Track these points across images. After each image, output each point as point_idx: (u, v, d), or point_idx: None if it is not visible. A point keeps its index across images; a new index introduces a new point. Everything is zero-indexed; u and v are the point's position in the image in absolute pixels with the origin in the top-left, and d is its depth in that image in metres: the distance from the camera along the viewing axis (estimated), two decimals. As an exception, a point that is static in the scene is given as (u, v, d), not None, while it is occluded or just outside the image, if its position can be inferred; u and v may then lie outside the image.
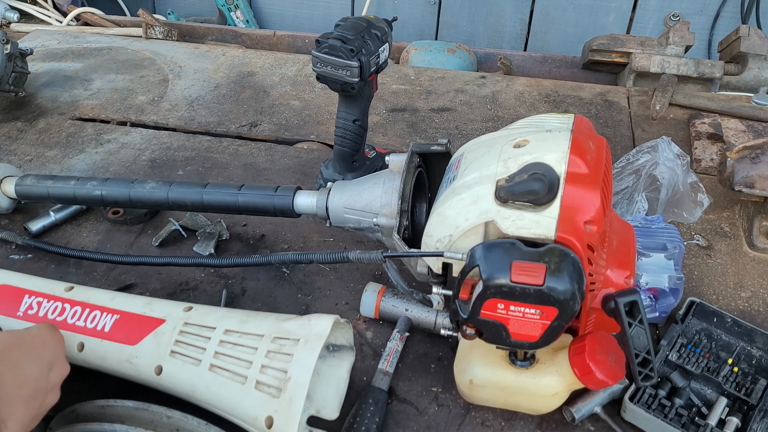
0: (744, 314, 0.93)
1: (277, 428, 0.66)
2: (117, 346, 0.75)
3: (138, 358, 0.74)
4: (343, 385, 0.78)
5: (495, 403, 0.78)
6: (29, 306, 0.79)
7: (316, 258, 0.84)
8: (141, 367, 0.73)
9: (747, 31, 1.64)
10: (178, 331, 0.74)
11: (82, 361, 0.76)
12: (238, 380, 0.70)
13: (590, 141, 0.71)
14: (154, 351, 0.73)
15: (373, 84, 1.02)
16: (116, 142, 1.31)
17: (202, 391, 0.71)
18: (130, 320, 0.76)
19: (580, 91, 1.52)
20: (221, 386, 0.70)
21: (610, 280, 0.70)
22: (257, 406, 0.68)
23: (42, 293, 0.80)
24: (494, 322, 0.65)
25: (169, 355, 0.72)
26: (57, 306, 0.78)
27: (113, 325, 0.76)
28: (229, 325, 0.74)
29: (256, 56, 1.66)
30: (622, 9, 2.30)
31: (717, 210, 1.12)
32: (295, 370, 0.68)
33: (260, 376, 0.69)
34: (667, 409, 0.78)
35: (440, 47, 1.87)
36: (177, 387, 0.73)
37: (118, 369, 0.75)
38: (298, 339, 0.70)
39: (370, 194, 0.85)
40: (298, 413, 0.65)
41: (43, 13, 2.02)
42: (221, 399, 0.70)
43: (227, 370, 0.70)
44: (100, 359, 0.75)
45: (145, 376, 0.73)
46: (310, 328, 0.71)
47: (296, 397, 0.66)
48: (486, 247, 0.65)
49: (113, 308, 0.78)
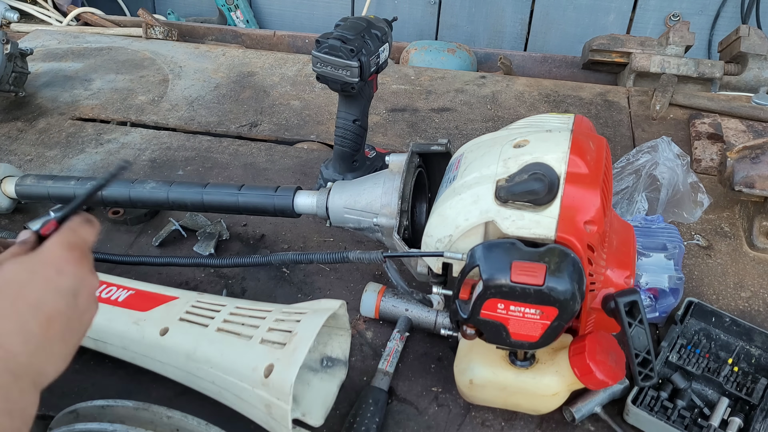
0: (744, 314, 0.93)
1: (277, 374, 0.66)
2: (127, 312, 0.77)
3: (146, 321, 0.76)
4: (331, 399, 0.79)
5: (495, 403, 0.78)
6: None
7: (316, 258, 0.84)
8: (146, 329, 0.75)
9: (747, 31, 1.64)
10: (190, 305, 0.76)
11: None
12: (244, 338, 0.71)
13: (590, 141, 0.71)
14: (164, 316, 0.76)
15: (373, 84, 1.02)
16: (116, 142, 1.31)
17: (204, 349, 0.72)
18: (145, 295, 0.80)
19: (580, 91, 1.52)
20: (225, 343, 0.72)
21: (610, 280, 0.70)
22: (259, 357, 0.68)
23: None
24: (494, 322, 0.65)
25: (178, 320, 0.75)
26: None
27: (127, 297, 0.79)
28: (240, 304, 0.77)
29: (256, 56, 1.66)
30: (622, 9, 2.30)
31: (717, 210, 1.12)
32: (301, 328, 0.69)
33: (266, 335, 0.70)
34: (670, 410, 0.78)
35: (440, 47, 1.87)
36: (179, 346, 0.73)
37: (122, 331, 0.76)
38: (306, 312, 0.72)
39: (370, 194, 0.85)
40: (300, 360, 0.65)
41: (43, 13, 2.02)
42: (223, 354, 0.71)
43: (234, 332, 0.72)
44: (106, 321, 0.77)
45: (149, 338, 0.75)
46: (319, 305, 0.74)
47: (300, 347, 0.66)
48: (486, 247, 0.65)
49: (130, 286, 0.81)
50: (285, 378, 0.65)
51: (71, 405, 0.70)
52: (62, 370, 0.51)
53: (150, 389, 0.76)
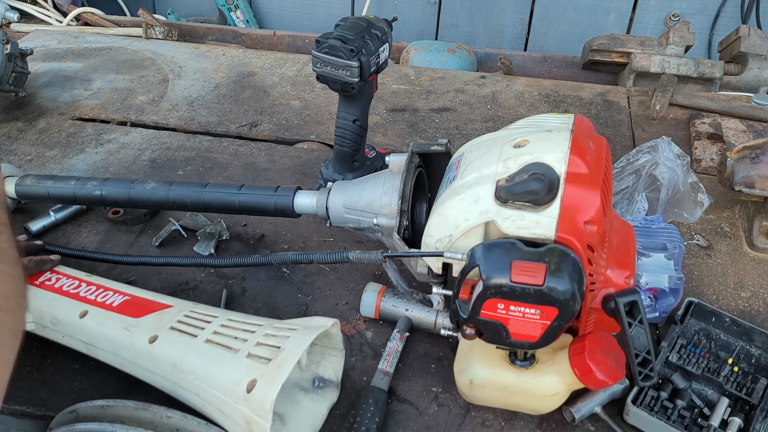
0: (744, 314, 0.93)
1: (259, 389, 0.65)
2: (120, 317, 0.77)
3: (137, 327, 0.75)
4: (319, 421, 0.77)
5: (495, 403, 0.78)
6: (47, 278, 0.85)
7: (316, 258, 0.85)
8: (136, 336, 0.75)
9: (747, 31, 1.64)
10: (183, 314, 0.76)
11: (78, 330, 0.78)
12: (231, 351, 0.70)
13: (590, 141, 0.71)
14: (155, 324, 0.75)
15: (373, 84, 1.02)
16: (116, 142, 1.31)
17: (190, 359, 0.71)
18: (139, 301, 0.80)
19: (580, 91, 1.52)
20: (212, 355, 0.70)
21: (610, 280, 0.70)
22: (243, 372, 0.67)
23: (62, 273, 0.86)
24: (494, 322, 0.65)
25: (168, 328, 0.74)
26: (73, 283, 0.84)
27: (122, 303, 0.79)
28: (232, 316, 0.76)
29: (256, 56, 1.66)
30: (622, 9, 2.30)
31: (717, 210, 1.12)
32: (289, 344, 0.68)
33: (254, 349, 0.69)
34: (670, 410, 0.78)
35: (440, 47, 1.87)
36: (165, 355, 0.72)
37: (112, 336, 0.76)
38: (296, 328, 0.71)
39: (370, 194, 0.85)
40: (283, 377, 0.64)
41: (43, 13, 2.02)
42: (209, 366, 0.70)
43: (222, 345, 0.71)
44: (98, 325, 0.77)
45: (138, 344, 0.74)
46: (311, 321, 0.74)
47: (285, 364, 0.65)
48: (486, 247, 0.65)
49: (125, 291, 0.82)
50: (266, 394, 0.64)
51: (71, 405, 0.71)
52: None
53: (150, 389, 0.76)
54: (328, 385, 0.80)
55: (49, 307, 0.81)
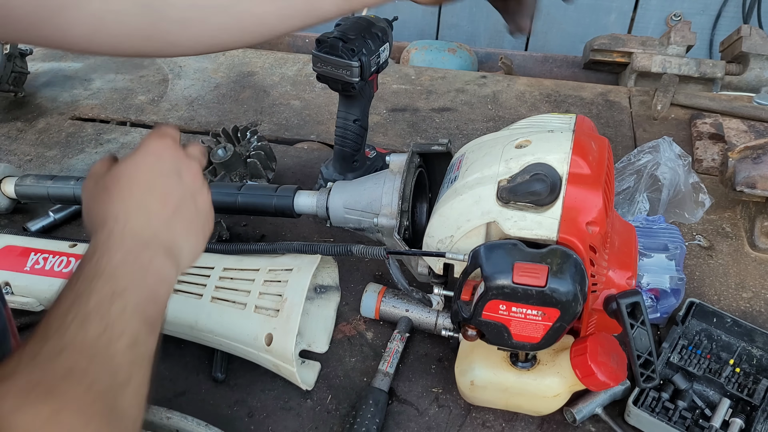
0: (746, 315, 0.93)
1: (276, 342, 0.74)
2: None
3: None
4: (330, 323, 0.88)
5: (496, 404, 0.77)
6: (35, 261, 0.85)
7: (321, 249, 0.84)
8: None
9: (748, 30, 1.63)
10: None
11: None
12: (238, 307, 0.77)
13: (592, 141, 0.71)
14: None
15: (373, 84, 1.01)
16: (116, 142, 1.31)
17: (204, 321, 0.78)
18: None
19: (581, 91, 1.51)
20: (222, 314, 0.78)
21: (612, 281, 0.70)
22: (257, 327, 0.75)
23: (47, 250, 0.86)
24: (496, 324, 0.65)
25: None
26: (62, 260, 0.85)
27: None
28: (226, 264, 0.81)
29: (256, 56, 1.66)
30: (623, 9, 2.30)
31: (718, 210, 1.12)
32: (290, 292, 0.76)
33: (258, 301, 0.77)
34: (671, 411, 0.77)
35: (441, 47, 1.86)
36: (180, 320, 0.78)
37: None
38: (291, 268, 0.78)
39: (371, 194, 0.85)
40: (295, 328, 0.73)
41: (43, 12, 2.02)
42: (223, 325, 0.77)
43: (227, 300, 0.78)
44: None
45: None
46: (301, 259, 0.80)
47: (292, 315, 0.74)
48: (488, 248, 0.64)
49: None
50: (285, 347, 0.73)
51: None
52: (196, 251, 0.57)
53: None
54: (329, 290, 0.89)
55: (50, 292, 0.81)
